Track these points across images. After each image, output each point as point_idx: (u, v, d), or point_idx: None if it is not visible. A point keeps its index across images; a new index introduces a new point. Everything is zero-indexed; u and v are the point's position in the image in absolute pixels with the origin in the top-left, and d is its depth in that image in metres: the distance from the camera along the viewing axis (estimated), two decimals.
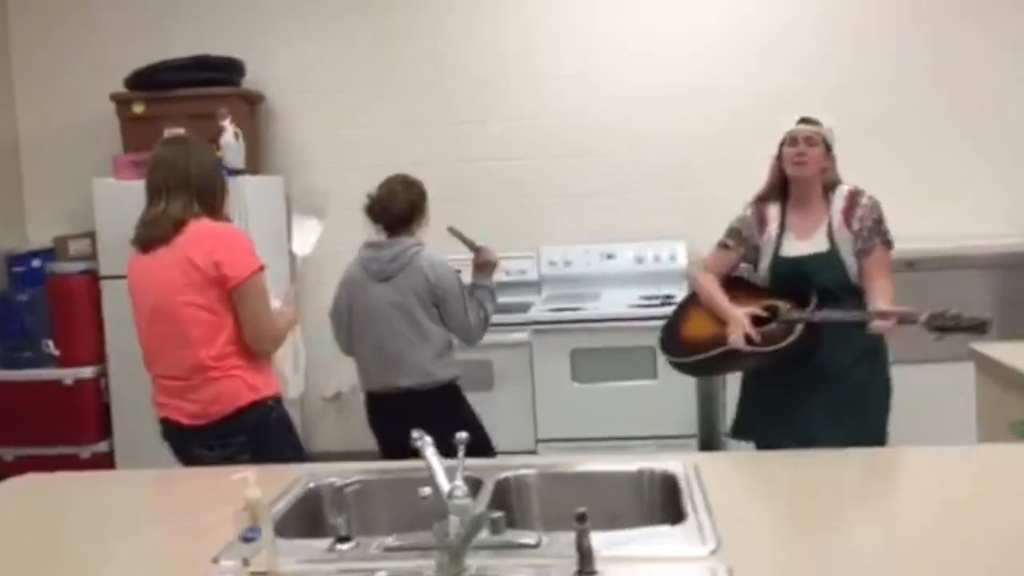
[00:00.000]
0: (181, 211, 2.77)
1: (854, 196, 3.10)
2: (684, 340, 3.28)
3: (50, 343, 4.83)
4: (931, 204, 4.84)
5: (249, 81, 5.14)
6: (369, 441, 5.16)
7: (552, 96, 5.18)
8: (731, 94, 5.03)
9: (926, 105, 5.00)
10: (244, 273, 2.76)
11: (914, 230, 4.76)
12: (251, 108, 5.12)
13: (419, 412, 3.30)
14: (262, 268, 2.83)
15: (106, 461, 4.83)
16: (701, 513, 1.88)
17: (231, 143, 4.67)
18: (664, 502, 2.11)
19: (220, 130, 4.66)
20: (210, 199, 2.82)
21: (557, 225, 5.22)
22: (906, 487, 2.19)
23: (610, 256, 5.12)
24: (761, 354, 3.04)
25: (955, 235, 4.73)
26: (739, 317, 3.05)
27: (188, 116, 4.80)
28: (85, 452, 4.80)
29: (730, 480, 2.18)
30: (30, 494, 2.41)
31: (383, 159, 5.15)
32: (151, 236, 2.79)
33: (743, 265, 3.28)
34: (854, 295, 3.06)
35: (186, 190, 2.79)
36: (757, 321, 3.06)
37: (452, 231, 3.66)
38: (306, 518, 2.12)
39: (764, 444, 3.12)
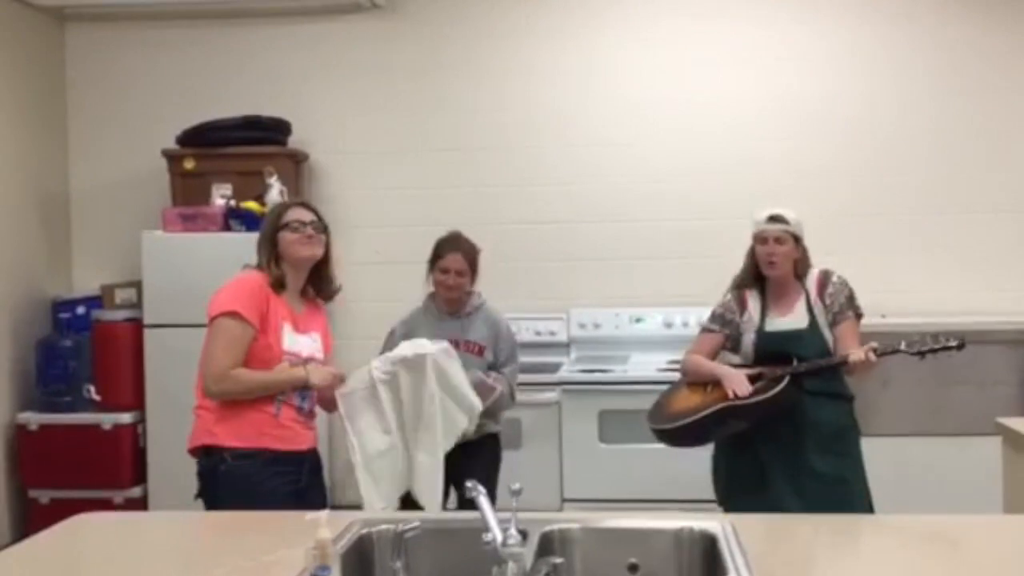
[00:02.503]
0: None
1: (825, 276, 3.43)
2: (672, 412, 3.50)
3: (91, 388, 4.93)
4: (958, 276, 4.97)
5: (294, 140, 5.31)
6: None
7: (585, 163, 5.33)
8: (764, 166, 5.16)
9: (959, 178, 5.11)
10: (211, 312, 2.90)
11: (942, 304, 4.86)
12: (296, 166, 5.28)
13: None
14: (230, 314, 2.85)
15: (139, 506, 4.90)
16: (743, 572, 1.96)
17: (276, 200, 4.83)
18: (703, 560, 2.20)
19: (266, 187, 4.84)
20: (260, 258, 3.02)
21: (587, 288, 5.34)
22: (940, 553, 2.25)
23: (639, 320, 5.22)
24: (754, 406, 3.25)
25: (979, 310, 4.80)
26: (735, 371, 3.33)
27: (236, 173, 5.01)
28: (119, 497, 4.87)
29: (766, 541, 2.25)
30: (85, 534, 2.49)
31: (420, 219, 5.32)
32: None
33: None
34: (832, 368, 3.34)
35: None
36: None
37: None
38: (358, 561, 2.22)
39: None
